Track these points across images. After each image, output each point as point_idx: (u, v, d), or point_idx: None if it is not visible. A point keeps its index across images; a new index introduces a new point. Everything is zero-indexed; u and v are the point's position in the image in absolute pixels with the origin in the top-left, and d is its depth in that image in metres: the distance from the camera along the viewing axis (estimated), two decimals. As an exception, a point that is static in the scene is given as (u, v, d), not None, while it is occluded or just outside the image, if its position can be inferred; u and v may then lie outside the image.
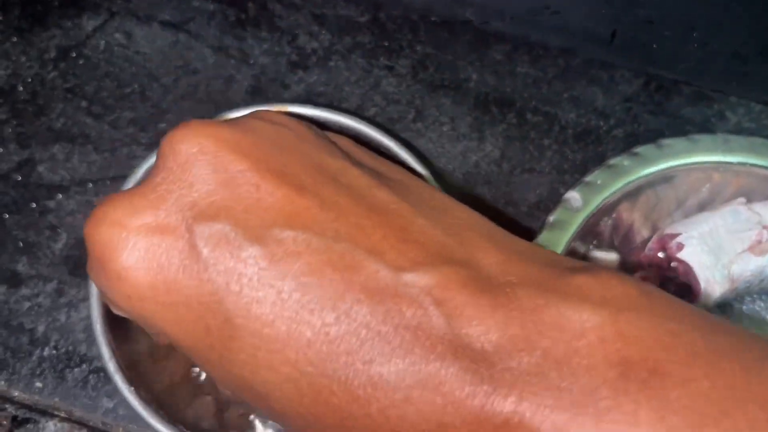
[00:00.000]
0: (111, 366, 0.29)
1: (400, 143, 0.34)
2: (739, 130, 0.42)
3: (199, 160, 0.20)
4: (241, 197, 0.20)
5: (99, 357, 0.36)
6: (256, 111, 0.24)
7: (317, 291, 0.18)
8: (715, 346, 0.17)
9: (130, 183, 0.31)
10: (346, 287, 0.18)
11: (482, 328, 0.17)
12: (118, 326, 0.30)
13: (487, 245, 0.20)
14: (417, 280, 0.18)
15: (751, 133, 0.42)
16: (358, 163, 0.22)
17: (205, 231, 0.19)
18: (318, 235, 0.19)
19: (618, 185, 0.37)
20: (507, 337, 0.17)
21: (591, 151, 0.41)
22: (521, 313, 0.18)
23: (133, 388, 0.29)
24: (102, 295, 0.22)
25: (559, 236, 0.36)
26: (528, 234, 0.39)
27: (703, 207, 0.40)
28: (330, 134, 0.25)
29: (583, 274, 0.19)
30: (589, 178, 0.37)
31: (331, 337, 0.18)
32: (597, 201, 0.36)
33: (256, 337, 0.19)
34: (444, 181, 0.40)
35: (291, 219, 0.19)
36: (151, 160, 0.32)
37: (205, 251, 0.19)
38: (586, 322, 0.17)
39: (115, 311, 0.23)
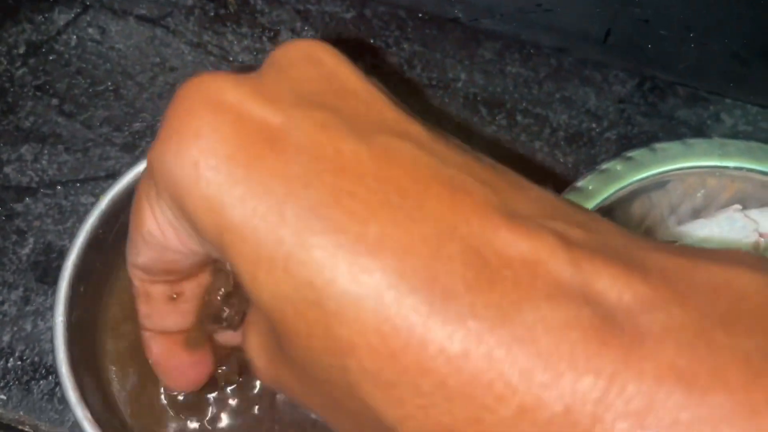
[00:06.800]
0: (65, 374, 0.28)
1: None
2: (735, 133, 0.41)
3: (310, 63, 0.20)
4: (349, 104, 0.19)
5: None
6: None
7: (420, 200, 0.17)
8: None
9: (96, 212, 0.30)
10: (452, 203, 0.17)
11: (618, 282, 0.16)
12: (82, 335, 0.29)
13: (600, 219, 0.18)
14: (537, 217, 0.17)
15: (747, 136, 0.41)
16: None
17: (307, 114, 0.18)
18: (429, 154, 0.18)
19: (611, 191, 0.35)
20: (648, 292, 0.15)
21: (583, 153, 0.40)
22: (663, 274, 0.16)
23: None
24: (154, 178, 0.19)
25: (549, 244, 0.34)
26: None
27: (697, 213, 0.38)
28: None
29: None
30: (580, 183, 0.35)
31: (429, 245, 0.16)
32: (588, 207, 0.35)
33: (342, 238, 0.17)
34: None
35: (400, 135, 0.18)
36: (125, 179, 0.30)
37: (301, 132, 0.17)
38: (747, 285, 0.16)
39: (158, 210, 0.20)
